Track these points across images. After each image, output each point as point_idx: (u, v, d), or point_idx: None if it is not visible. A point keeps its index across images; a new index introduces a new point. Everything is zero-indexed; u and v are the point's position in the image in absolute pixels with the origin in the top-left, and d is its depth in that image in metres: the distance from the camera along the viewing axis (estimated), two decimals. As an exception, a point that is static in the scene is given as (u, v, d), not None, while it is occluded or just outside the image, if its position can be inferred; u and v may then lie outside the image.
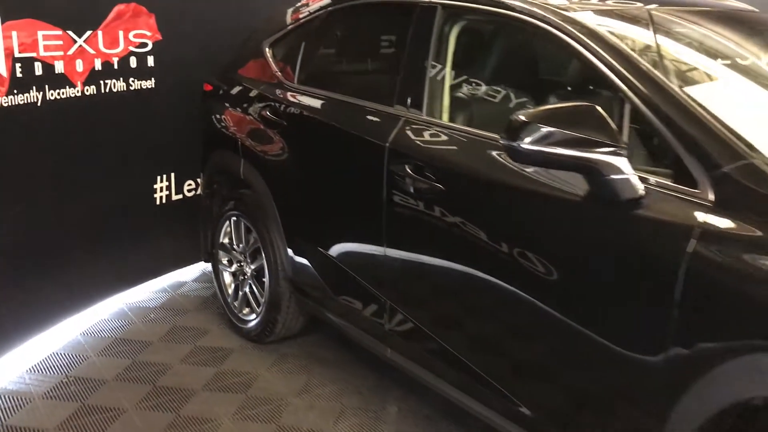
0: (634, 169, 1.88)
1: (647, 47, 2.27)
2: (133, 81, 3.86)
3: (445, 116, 2.60)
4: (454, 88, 2.65)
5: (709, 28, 2.57)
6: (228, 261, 3.71)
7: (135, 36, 3.84)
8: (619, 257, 1.91)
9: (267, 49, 3.50)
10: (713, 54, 2.50)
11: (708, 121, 1.86)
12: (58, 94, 3.45)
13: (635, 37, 2.34)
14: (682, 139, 1.86)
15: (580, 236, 2.02)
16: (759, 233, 1.67)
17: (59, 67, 3.44)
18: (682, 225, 1.77)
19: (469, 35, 2.77)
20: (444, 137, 2.51)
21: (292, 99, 3.24)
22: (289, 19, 3.46)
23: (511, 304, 2.22)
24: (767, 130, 1.95)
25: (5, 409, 2.96)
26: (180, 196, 4.25)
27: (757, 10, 2.98)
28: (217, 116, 3.66)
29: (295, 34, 3.40)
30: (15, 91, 3.21)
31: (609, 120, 1.86)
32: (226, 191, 3.64)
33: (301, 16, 3.38)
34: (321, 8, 3.26)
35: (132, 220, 4.01)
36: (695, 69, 2.34)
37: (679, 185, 1.84)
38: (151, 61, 3.94)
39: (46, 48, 3.36)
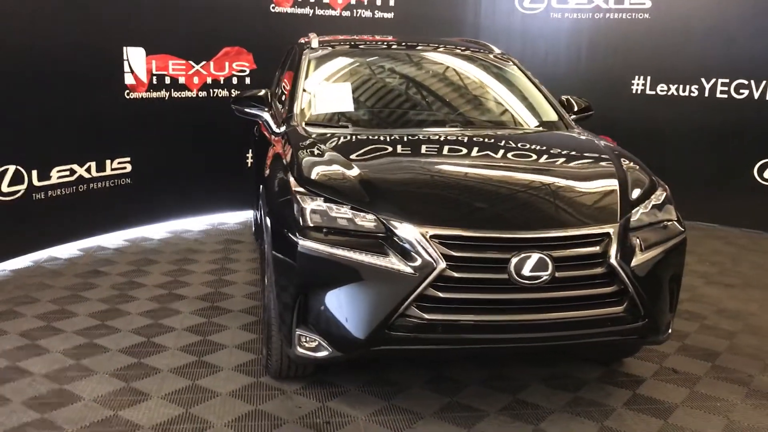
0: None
1: (323, 67, 4.50)
2: (233, 92, 6.74)
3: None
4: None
5: (397, 56, 4.68)
6: (257, 195, 6.38)
7: (237, 65, 6.74)
8: (276, 158, 4.20)
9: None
10: (359, 71, 4.57)
11: (297, 99, 4.10)
12: (179, 95, 6.43)
13: (332, 62, 4.58)
14: (287, 109, 4.13)
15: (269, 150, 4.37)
16: (283, 148, 3.92)
17: (181, 80, 6.42)
18: (277, 136, 4.07)
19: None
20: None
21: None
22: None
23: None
24: (332, 105, 4.10)
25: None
26: (265, 163, 7.02)
27: (490, 45, 4.88)
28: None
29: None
30: (151, 90, 6.24)
31: (268, 96, 4.21)
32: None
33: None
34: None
35: (229, 175, 6.83)
36: (335, 78, 4.46)
37: (292, 123, 4.09)
38: (248, 80, 6.81)
39: (174, 69, 6.37)
